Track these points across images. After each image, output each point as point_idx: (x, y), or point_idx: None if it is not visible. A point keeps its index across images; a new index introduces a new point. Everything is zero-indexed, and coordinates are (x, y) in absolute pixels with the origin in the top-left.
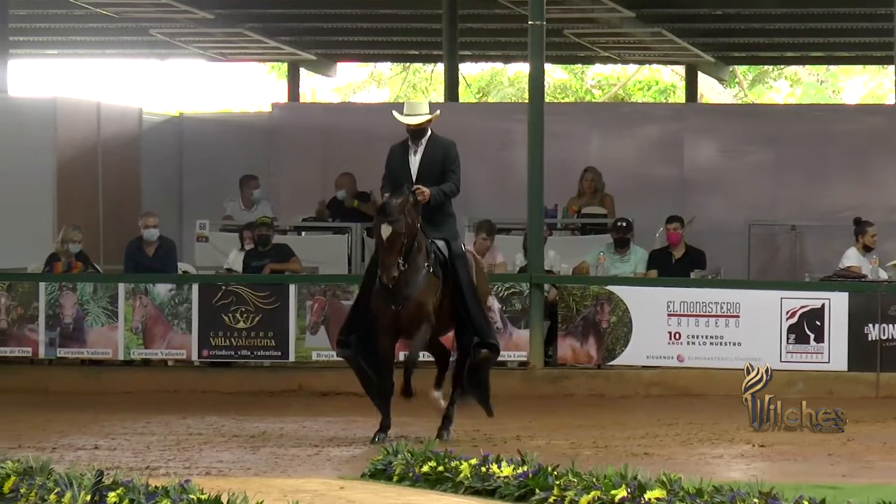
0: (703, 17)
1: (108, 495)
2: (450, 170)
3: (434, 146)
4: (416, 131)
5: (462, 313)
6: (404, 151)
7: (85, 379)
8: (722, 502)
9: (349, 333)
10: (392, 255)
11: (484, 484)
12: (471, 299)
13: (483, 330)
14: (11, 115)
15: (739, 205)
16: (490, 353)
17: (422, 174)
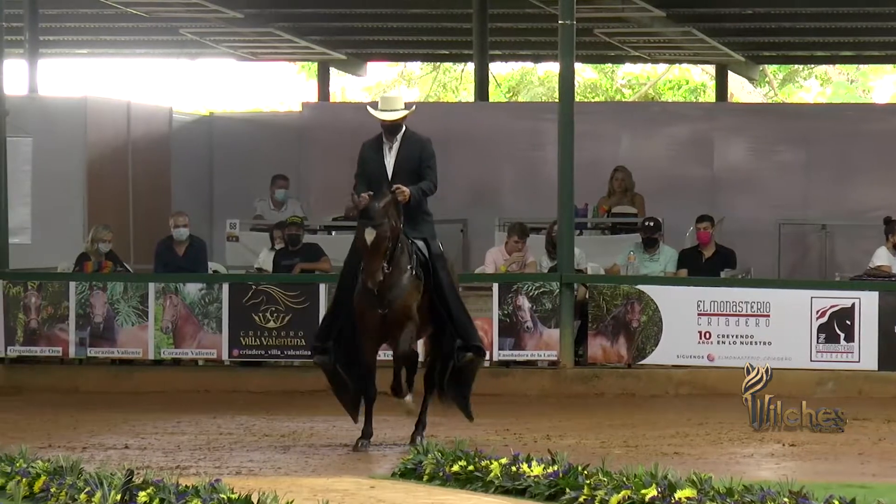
0: (734, 16)
1: (139, 495)
2: (427, 167)
3: (409, 143)
4: (390, 127)
5: (443, 314)
6: (378, 148)
7: (115, 379)
8: (752, 501)
9: (326, 339)
10: (377, 260)
11: (514, 483)
12: (453, 300)
13: (466, 332)
14: (42, 114)
15: (769, 204)
16: (475, 357)
17: (398, 172)
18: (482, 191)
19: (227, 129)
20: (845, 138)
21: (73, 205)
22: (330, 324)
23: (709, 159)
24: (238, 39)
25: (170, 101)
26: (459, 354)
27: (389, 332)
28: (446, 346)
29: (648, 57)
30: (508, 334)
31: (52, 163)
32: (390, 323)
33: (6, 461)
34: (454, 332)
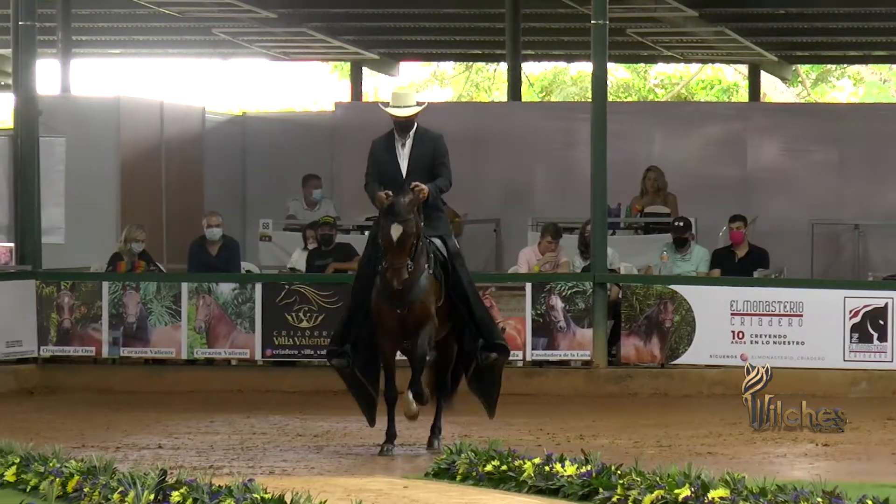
0: (767, 16)
1: (172, 494)
2: (441, 163)
3: (422, 139)
4: (403, 124)
5: (464, 314)
6: (390, 145)
7: (148, 378)
8: (785, 501)
9: (343, 342)
10: (402, 257)
11: (547, 483)
12: (474, 299)
13: (489, 330)
14: (75, 114)
15: (802, 204)
16: (499, 356)
17: (412, 169)
18: (515, 190)
19: (260, 129)
20: (878, 138)
21: (106, 205)
22: (346, 326)
23: (742, 159)
24: (271, 39)
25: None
26: (483, 354)
27: (408, 333)
28: (467, 346)
29: (681, 57)
30: (541, 334)
31: (85, 163)
32: (409, 323)
33: (40, 461)
34: (476, 331)
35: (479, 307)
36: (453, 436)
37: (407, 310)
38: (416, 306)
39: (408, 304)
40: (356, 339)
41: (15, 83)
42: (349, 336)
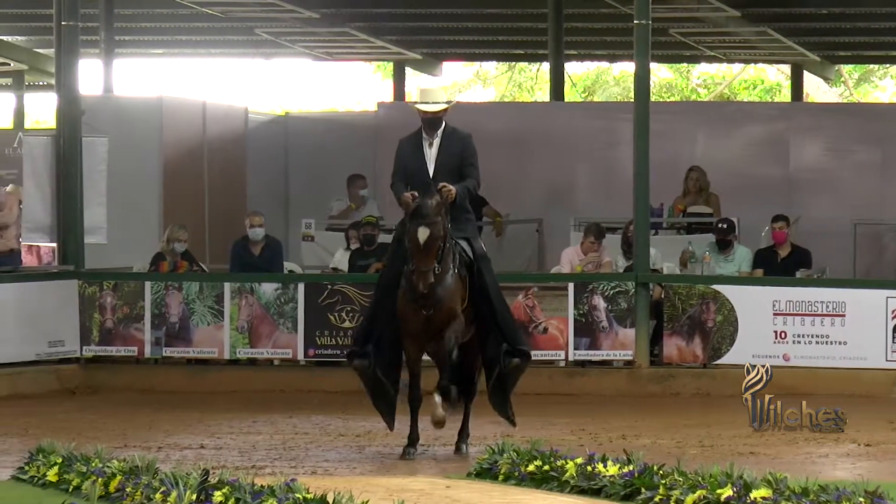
0: (809, 16)
1: (214, 494)
2: (469, 164)
3: (450, 138)
4: (431, 121)
5: (488, 317)
6: (418, 144)
7: (191, 378)
8: (828, 501)
9: (365, 343)
10: (429, 260)
11: (589, 483)
12: (498, 302)
13: (513, 335)
14: (117, 114)
15: (845, 204)
16: (521, 362)
17: (439, 168)
18: (557, 190)
19: (303, 128)
20: None
21: (148, 205)
22: (369, 327)
23: (784, 159)
24: (314, 39)
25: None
26: (506, 359)
27: (434, 334)
28: (491, 351)
29: (724, 57)
30: (584, 334)
31: (128, 163)
32: (435, 325)
33: (82, 461)
34: (500, 335)
35: (503, 311)
36: (496, 435)
37: (432, 311)
38: (442, 308)
39: (433, 305)
40: (378, 339)
41: (58, 83)
42: (371, 337)
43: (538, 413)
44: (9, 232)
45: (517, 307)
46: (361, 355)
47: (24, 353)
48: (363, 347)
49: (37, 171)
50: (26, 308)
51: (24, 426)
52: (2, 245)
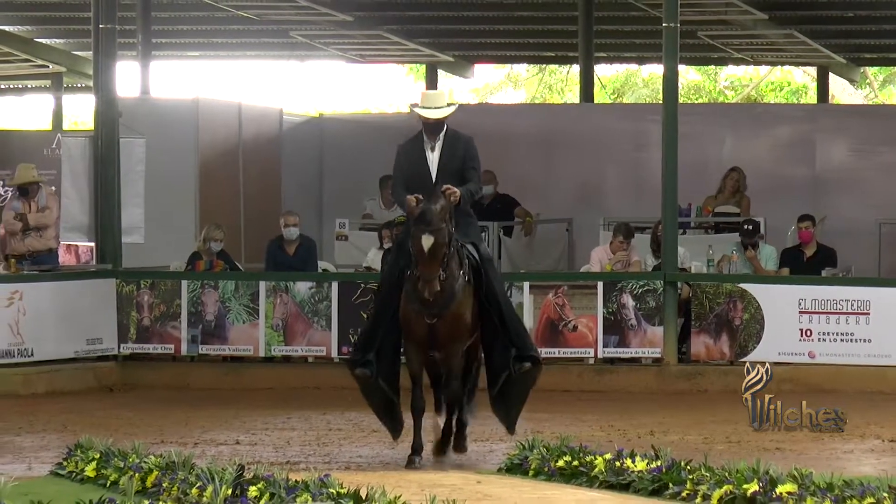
0: (835, 18)
1: (249, 489)
2: (471, 167)
3: (452, 142)
4: (433, 126)
5: (496, 322)
6: (419, 148)
7: (226, 375)
8: (852, 496)
9: (367, 351)
10: (434, 267)
11: (618, 478)
12: (507, 307)
13: (522, 341)
14: (154, 116)
15: (870, 204)
16: (532, 368)
17: (442, 172)
18: (587, 190)
19: (337, 130)
20: None
21: (185, 205)
22: (370, 335)
23: (811, 160)
24: (347, 42)
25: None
26: (516, 365)
27: (438, 343)
28: (498, 356)
29: (751, 59)
30: (613, 332)
31: (165, 163)
32: (440, 333)
33: (119, 457)
34: (508, 340)
35: (511, 316)
36: (526, 432)
37: (437, 319)
38: (447, 316)
39: (438, 312)
40: (380, 347)
41: (96, 85)
42: (373, 344)
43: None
44: (48, 232)
45: (547, 305)
46: (363, 364)
47: (62, 351)
48: (364, 356)
49: (75, 172)
50: (65, 306)
51: (62, 423)
52: (41, 245)
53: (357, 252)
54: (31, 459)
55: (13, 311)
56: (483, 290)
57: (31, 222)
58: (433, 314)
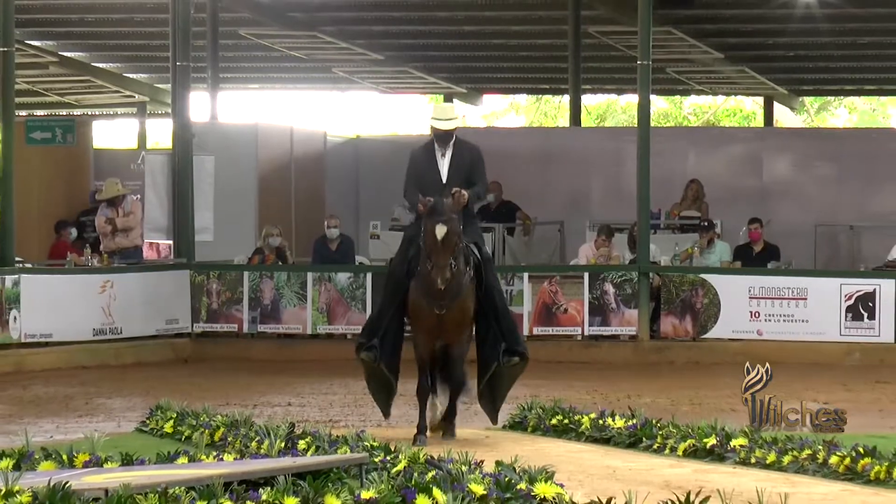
0: (779, 58)
1: (299, 443)
2: (478, 173)
3: (461, 150)
4: (444, 135)
5: (491, 318)
6: (431, 155)
7: (280, 349)
8: (793, 448)
9: (372, 336)
10: (446, 256)
11: (601, 434)
12: (501, 304)
13: (513, 336)
14: (221, 137)
15: (808, 209)
16: (520, 362)
17: (451, 177)
18: (576, 198)
19: (371, 149)
20: (869, 156)
21: (246, 210)
22: (376, 322)
23: (759, 173)
24: (379, 76)
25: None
26: (505, 358)
27: (445, 332)
28: (489, 348)
29: (710, 90)
30: (597, 314)
31: (230, 177)
32: (447, 323)
33: (192, 416)
34: (500, 335)
35: (505, 313)
36: (525, 396)
37: (445, 310)
38: (455, 307)
39: (447, 304)
40: (384, 334)
41: (173, 112)
42: (378, 331)
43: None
44: (134, 232)
45: (543, 292)
46: (368, 348)
47: (146, 329)
48: (370, 340)
49: (156, 183)
50: (148, 293)
51: (145, 388)
52: (129, 242)
53: (387, 248)
54: (119, 418)
55: (106, 296)
56: (482, 286)
57: (119, 225)
58: (442, 305)
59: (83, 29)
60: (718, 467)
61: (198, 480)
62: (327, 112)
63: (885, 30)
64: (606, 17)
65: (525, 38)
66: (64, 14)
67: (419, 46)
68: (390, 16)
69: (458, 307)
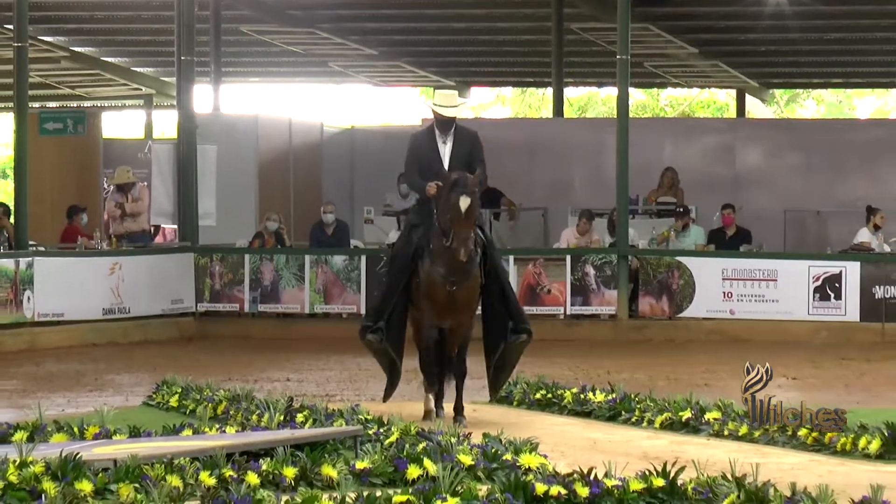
0: (750, 52)
1: (297, 416)
2: (479, 159)
3: (462, 135)
4: (446, 121)
5: (497, 297)
6: (432, 140)
7: (279, 328)
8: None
9: (378, 319)
10: (470, 227)
11: (582, 407)
12: (507, 284)
13: (519, 315)
14: (224, 128)
15: (778, 196)
16: (527, 339)
17: (453, 162)
18: (559, 185)
19: (365, 138)
20: (836, 145)
21: (247, 197)
22: (382, 305)
23: (732, 162)
24: (373, 70)
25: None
26: (512, 336)
27: (456, 311)
28: (495, 328)
29: (685, 83)
30: (578, 294)
31: (232, 165)
32: (458, 301)
33: (196, 391)
34: (506, 314)
35: (509, 292)
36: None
37: (456, 287)
38: (466, 285)
39: (459, 282)
40: (389, 316)
41: (178, 104)
42: (383, 314)
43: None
44: (141, 217)
45: (527, 273)
46: (374, 330)
47: (152, 309)
48: (376, 323)
49: (162, 171)
50: (154, 274)
51: (152, 365)
52: (136, 227)
53: (380, 232)
54: (127, 393)
55: (114, 278)
56: (487, 267)
57: (128, 210)
58: (454, 282)
59: (93, 25)
60: (693, 439)
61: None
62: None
63: (850, 26)
64: (587, 14)
65: (511, 34)
66: (75, 11)
67: (410, 42)
68: (383, 13)
69: (469, 286)
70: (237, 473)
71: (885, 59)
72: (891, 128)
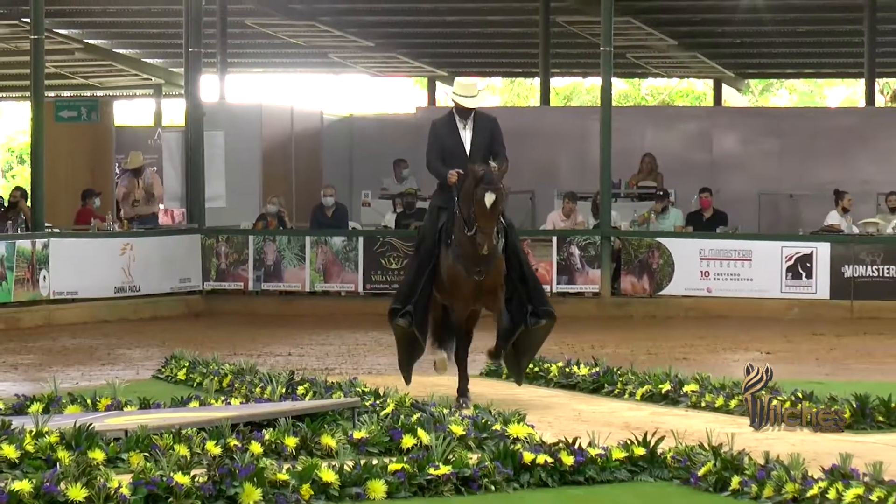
0: (726, 44)
1: (298, 388)
2: (500, 144)
3: (482, 122)
4: (465, 110)
5: (517, 280)
6: (453, 127)
7: (282, 305)
8: (738, 393)
9: (406, 303)
10: (494, 222)
11: (567, 380)
12: (527, 267)
13: (539, 297)
14: (229, 116)
15: (752, 180)
16: (548, 322)
17: (475, 148)
18: (545, 170)
19: (363, 126)
20: (808, 132)
21: (252, 182)
22: (411, 288)
23: (709, 147)
24: (370, 61)
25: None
26: (531, 319)
27: (481, 297)
28: (515, 311)
29: (665, 73)
30: (563, 273)
31: (237, 152)
32: (484, 288)
33: (203, 364)
34: (526, 297)
35: (530, 275)
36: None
37: (482, 275)
38: (492, 272)
39: (485, 269)
40: (416, 301)
41: (186, 93)
42: (411, 298)
43: None
44: (152, 201)
45: None
46: (403, 314)
47: (162, 287)
48: (405, 306)
49: (172, 157)
50: (164, 254)
51: (161, 340)
52: (146, 210)
53: (377, 215)
54: (138, 367)
55: (126, 258)
56: (507, 250)
57: (138, 195)
58: (480, 272)
59: (105, 18)
60: (672, 410)
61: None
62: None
63: (822, 19)
64: (573, 8)
65: (500, 26)
66: (88, 5)
67: (405, 34)
68: (380, 7)
69: (494, 273)
70: (241, 443)
71: (854, 51)
72: (859, 116)
